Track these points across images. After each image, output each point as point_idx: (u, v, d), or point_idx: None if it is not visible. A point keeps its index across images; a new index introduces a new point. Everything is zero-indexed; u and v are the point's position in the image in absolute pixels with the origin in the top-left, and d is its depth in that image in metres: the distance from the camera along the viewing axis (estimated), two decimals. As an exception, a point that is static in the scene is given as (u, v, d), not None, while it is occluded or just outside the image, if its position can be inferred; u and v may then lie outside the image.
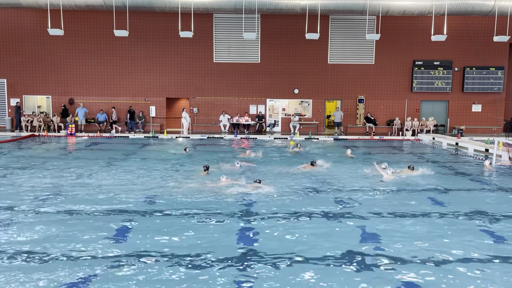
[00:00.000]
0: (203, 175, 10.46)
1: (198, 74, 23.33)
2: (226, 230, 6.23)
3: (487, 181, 10.49)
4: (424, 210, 7.46)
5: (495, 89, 23.18)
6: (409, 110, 23.50)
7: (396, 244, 5.67)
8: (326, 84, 23.43)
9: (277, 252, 5.34)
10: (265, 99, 23.72)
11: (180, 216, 6.94)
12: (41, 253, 5.24)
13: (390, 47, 22.98)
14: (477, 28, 22.59)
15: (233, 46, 23.14)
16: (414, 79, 23.15)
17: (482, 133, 22.92)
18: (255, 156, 14.10)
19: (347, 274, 4.73)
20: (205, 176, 10.31)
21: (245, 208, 7.45)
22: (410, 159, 14.27)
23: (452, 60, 23.13)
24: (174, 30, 20.72)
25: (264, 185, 9.01)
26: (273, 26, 22.91)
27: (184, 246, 5.56)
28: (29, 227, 6.29)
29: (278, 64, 23.25)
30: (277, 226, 6.44)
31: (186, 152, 14.85)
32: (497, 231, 6.27)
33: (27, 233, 6.02)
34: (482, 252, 5.40)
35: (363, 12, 19.08)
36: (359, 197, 8.34)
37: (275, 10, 19.41)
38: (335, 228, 6.42)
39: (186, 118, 22.37)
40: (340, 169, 11.56)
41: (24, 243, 5.61)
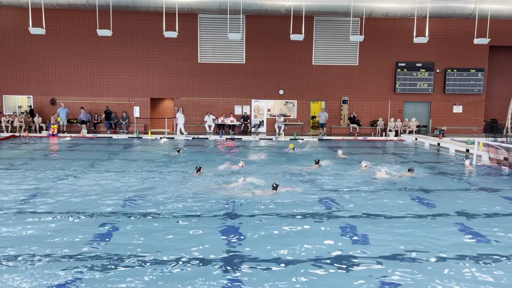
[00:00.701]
0: (195, 176, 10.42)
1: (183, 74, 23.23)
2: (213, 232, 6.21)
3: (468, 180, 10.69)
4: (407, 209, 7.55)
5: (476, 90, 23.65)
6: (392, 111, 23.80)
7: (381, 243, 5.73)
8: (311, 85, 23.58)
9: (265, 253, 5.36)
10: (250, 99, 23.74)
11: (168, 218, 6.89)
12: (21, 255, 5.16)
13: (374, 48, 23.25)
14: (458, 30, 23.02)
15: (218, 46, 23.10)
16: (397, 81, 23.47)
17: (463, 133, 23.36)
18: (257, 157, 14.07)
19: (333, 274, 4.77)
20: (197, 177, 10.28)
21: (233, 209, 7.45)
22: (393, 159, 14.46)
23: (434, 62, 23.52)
24: (158, 30, 20.58)
25: (281, 188, 8.79)
26: (258, 27, 22.96)
27: (171, 248, 5.53)
28: (10, 229, 6.17)
29: (263, 64, 23.30)
30: (263, 226, 6.46)
31: (178, 153, 14.75)
32: (478, 230, 6.39)
33: (7, 235, 5.91)
34: (463, 251, 5.50)
35: (347, 13, 19.26)
36: (347, 197, 8.41)
37: (260, 11, 19.45)
38: (320, 228, 6.46)
39: (180, 119, 22.24)
40: (332, 170, 11.63)
41: (4, 246, 5.50)
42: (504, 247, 5.65)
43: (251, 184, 9.37)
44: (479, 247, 5.68)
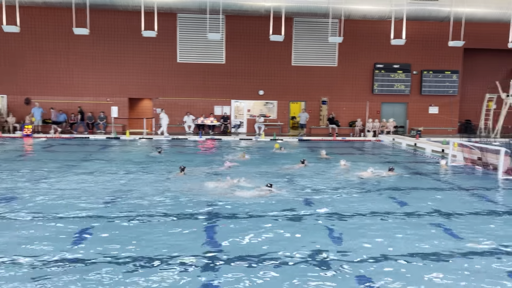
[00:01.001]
0: (179, 176, 10.34)
1: (162, 74, 23.02)
2: (194, 233, 6.17)
3: (443, 180, 10.92)
4: (383, 208, 7.67)
5: (451, 92, 24.21)
6: (370, 111, 24.14)
7: (359, 242, 5.80)
8: (291, 85, 23.70)
9: (246, 253, 5.35)
10: (230, 100, 23.71)
11: (149, 219, 6.81)
12: (-5, 259, 5.02)
13: (352, 50, 23.54)
14: (434, 33, 23.52)
15: (198, 46, 22.99)
16: (375, 82, 23.82)
17: (439, 134, 23.87)
18: (241, 157, 14.04)
19: (313, 274, 4.80)
20: (182, 177, 10.21)
21: (217, 208, 7.41)
22: (372, 159, 14.66)
23: (410, 64, 23.97)
24: (137, 29, 20.32)
25: (275, 189, 8.83)
26: (238, 27, 22.95)
27: (151, 249, 5.47)
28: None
29: (243, 65, 23.31)
30: (248, 226, 6.46)
31: (159, 154, 14.60)
32: (452, 228, 6.53)
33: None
34: (438, 249, 5.61)
35: (325, 15, 19.43)
36: (329, 196, 8.47)
37: (240, 11, 19.44)
38: (301, 227, 6.49)
39: (164, 119, 22.00)
40: (316, 170, 11.71)
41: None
42: (482, 244, 5.78)
43: (238, 185, 9.35)
44: (455, 244, 5.80)
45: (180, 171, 10.61)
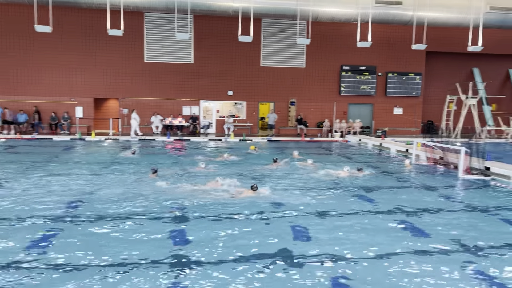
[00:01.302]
0: (152, 178, 10.18)
1: (129, 73, 22.60)
2: (162, 234, 6.08)
3: (407, 179, 11.25)
4: (350, 207, 7.82)
5: (414, 93, 24.96)
6: (338, 112, 24.54)
7: (326, 241, 5.89)
8: (260, 86, 23.79)
9: (213, 254, 5.33)
10: (198, 100, 23.54)
11: (117, 221, 6.67)
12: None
13: (320, 51, 23.87)
14: (398, 36, 24.17)
15: (166, 46, 22.71)
16: (342, 83, 24.25)
17: (403, 134, 24.54)
18: (216, 158, 13.95)
19: (281, 273, 4.84)
20: (154, 179, 10.06)
21: (186, 210, 7.34)
22: (339, 159, 14.90)
23: (376, 66, 24.54)
24: (102, 28, 19.88)
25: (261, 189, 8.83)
26: (206, 27, 22.82)
27: (117, 252, 5.36)
28: None
29: (212, 65, 23.20)
30: (212, 227, 6.43)
31: (133, 155, 14.28)
32: (416, 225, 6.74)
33: None
34: (403, 246, 5.78)
35: (294, 17, 19.61)
36: (299, 196, 8.55)
37: (208, 12, 19.33)
38: (270, 227, 6.52)
39: (136, 119, 21.55)
40: (286, 170, 11.78)
41: None
42: (442, 240, 5.99)
43: (212, 187, 9.29)
44: (420, 241, 5.98)
45: (152, 173, 10.46)
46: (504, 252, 5.63)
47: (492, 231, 6.56)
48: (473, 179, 11.15)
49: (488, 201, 8.72)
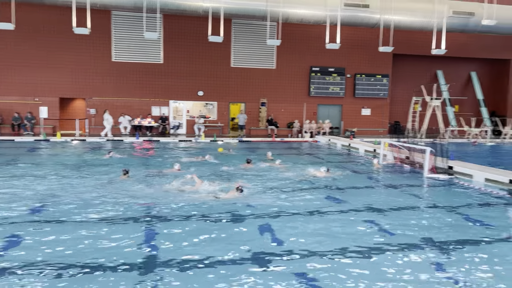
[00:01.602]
0: (123, 179, 9.98)
1: (96, 73, 22.08)
2: (133, 236, 5.97)
3: (375, 178, 11.49)
4: (320, 207, 7.91)
5: (381, 94, 25.55)
6: (307, 113, 24.82)
7: (296, 241, 5.94)
8: (230, 87, 23.75)
9: (180, 255, 5.27)
10: (168, 100, 23.27)
11: (84, 223, 6.49)
12: None
13: (290, 53, 24.07)
14: (366, 38, 24.67)
15: (134, 45, 22.33)
16: (311, 84, 24.54)
17: (371, 134, 25.08)
18: (191, 160, 13.75)
19: (249, 273, 4.84)
20: (125, 180, 9.86)
21: (153, 211, 7.23)
22: (309, 159, 15.06)
23: (345, 67, 24.97)
24: (68, 26, 19.31)
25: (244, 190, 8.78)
26: (176, 26, 22.59)
27: (85, 254, 5.22)
28: None
29: (182, 65, 22.98)
30: (179, 228, 6.36)
31: (109, 156, 13.91)
32: (384, 224, 6.89)
33: None
34: (371, 244, 5.89)
35: (264, 17, 19.69)
36: (269, 196, 8.57)
37: (178, 11, 19.14)
38: (237, 228, 6.51)
39: (108, 120, 21.06)
40: (260, 170, 11.78)
41: None
42: (408, 237, 6.15)
43: (184, 188, 9.18)
44: (387, 238, 6.12)
45: (123, 174, 10.26)
46: (466, 247, 5.83)
47: (455, 228, 6.79)
48: (437, 177, 11.51)
49: (451, 198, 9.03)
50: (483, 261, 5.31)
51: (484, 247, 5.85)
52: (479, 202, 8.69)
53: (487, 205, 8.42)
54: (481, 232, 6.57)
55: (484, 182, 10.89)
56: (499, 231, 6.63)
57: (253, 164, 12.52)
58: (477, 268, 5.07)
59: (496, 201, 8.82)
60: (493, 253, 5.64)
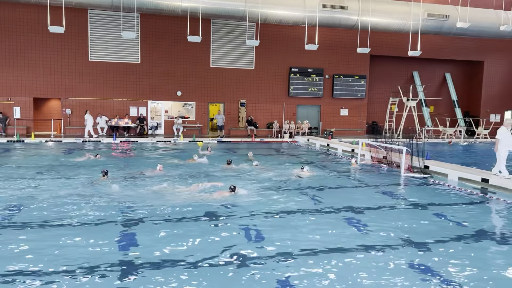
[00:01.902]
0: (103, 180, 9.83)
1: (72, 72, 21.65)
2: (111, 238, 5.87)
3: (353, 177, 11.62)
4: (299, 206, 7.95)
5: (359, 95, 25.88)
6: (287, 113, 24.94)
7: (276, 240, 5.95)
8: (209, 87, 23.65)
9: (162, 256, 5.21)
10: (146, 100, 23.01)
11: (63, 226, 6.34)
12: None
13: (269, 53, 24.14)
14: (344, 40, 24.97)
15: (111, 44, 22.00)
16: (290, 85, 24.66)
17: (349, 135, 25.37)
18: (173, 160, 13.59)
19: (233, 274, 4.82)
20: (104, 181, 9.70)
21: (130, 213, 7.12)
22: (289, 160, 15.12)
23: (323, 68, 25.19)
24: (43, 24, 18.93)
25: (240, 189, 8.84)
26: (154, 26, 22.37)
27: (61, 256, 5.10)
28: None
29: (160, 65, 22.76)
30: (162, 229, 6.29)
31: (97, 158, 13.57)
32: (361, 222, 6.98)
33: None
34: (349, 242, 5.96)
35: (243, 18, 19.70)
36: (247, 196, 8.56)
37: (156, 11, 18.94)
38: (221, 229, 6.49)
39: (87, 121, 20.72)
40: (240, 171, 11.76)
41: None
42: (386, 236, 6.24)
43: (161, 189, 9.07)
44: (365, 237, 6.20)
45: (102, 176, 10.10)
46: (441, 244, 5.95)
47: (431, 226, 6.92)
48: (414, 177, 11.73)
49: (427, 197, 9.20)
50: (457, 258, 5.42)
51: (458, 244, 5.98)
52: (454, 201, 8.89)
53: (461, 204, 8.62)
54: (455, 230, 6.72)
55: (458, 181, 11.16)
56: (472, 229, 6.80)
57: (233, 165, 12.50)
58: (451, 265, 5.18)
59: (469, 199, 9.04)
60: (467, 249, 5.77)
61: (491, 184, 10.30)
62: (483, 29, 22.06)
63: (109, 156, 14.89)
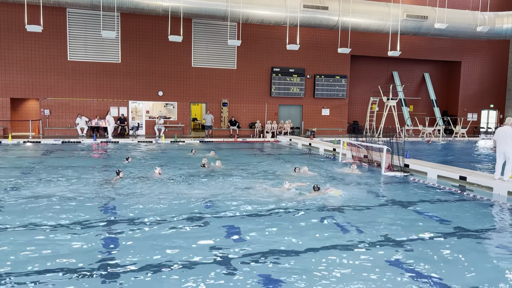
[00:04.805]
0: (117, 179, 10.01)
1: (50, 72, 21.25)
2: (91, 239, 5.79)
3: (335, 176, 11.71)
4: (279, 205, 7.98)
5: (340, 95, 26.13)
6: (269, 113, 25.00)
7: (258, 240, 5.97)
8: (191, 87, 23.53)
9: (143, 259, 5.17)
10: (127, 100, 22.75)
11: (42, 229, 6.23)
12: None
13: (251, 53, 24.15)
14: (325, 40, 25.17)
15: (91, 44, 21.67)
16: (272, 85, 24.73)
17: (331, 134, 25.61)
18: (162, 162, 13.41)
19: (216, 275, 4.82)
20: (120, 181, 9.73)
21: (112, 214, 7.04)
22: (272, 159, 15.17)
23: (304, 68, 25.34)
24: (20, 23, 18.52)
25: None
26: (134, 26, 22.13)
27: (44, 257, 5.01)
28: None
29: (141, 65, 22.54)
30: (142, 231, 6.24)
31: (128, 161, 13.18)
32: (342, 220, 7.05)
33: None
34: (330, 241, 6.01)
35: (224, 18, 19.67)
36: (227, 197, 8.56)
37: (136, 10, 18.74)
38: (203, 229, 6.47)
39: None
40: (211, 171, 11.72)
41: None
42: (367, 234, 6.32)
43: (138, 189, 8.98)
44: (345, 235, 6.27)
45: (116, 175, 10.31)
46: (420, 241, 6.07)
47: (411, 223, 7.05)
48: (394, 175, 11.91)
49: (407, 195, 9.36)
50: (437, 254, 5.54)
51: (438, 240, 6.11)
52: (433, 198, 9.07)
53: (440, 201, 8.80)
54: (435, 226, 6.85)
55: (437, 178, 11.39)
56: (451, 225, 6.95)
57: (209, 167, 12.35)
58: (430, 261, 5.29)
59: (448, 197, 9.23)
60: (446, 246, 5.89)
61: (468, 181, 10.54)
62: (460, 30, 22.55)
63: (147, 157, 14.67)
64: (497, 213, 8.14)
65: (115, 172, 10.67)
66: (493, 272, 5.05)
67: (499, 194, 9.49)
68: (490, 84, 29.72)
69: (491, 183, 9.91)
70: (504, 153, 9.70)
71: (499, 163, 9.95)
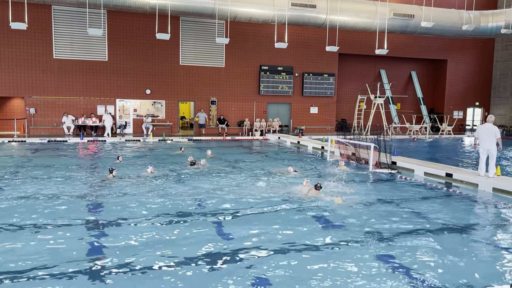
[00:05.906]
0: (110, 178, 9.95)
1: (35, 70, 20.94)
2: (79, 239, 5.73)
3: (323, 174, 11.77)
4: (266, 203, 7.99)
5: (328, 93, 26.24)
6: (257, 111, 25.00)
7: (245, 237, 5.97)
8: (179, 85, 23.40)
9: (131, 258, 5.14)
10: (114, 99, 22.54)
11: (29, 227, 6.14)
12: None
13: (239, 51, 24.10)
14: (313, 38, 25.23)
15: (77, 41, 21.40)
16: (261, 83, 24.72)
17: (319, 132, 25.71)
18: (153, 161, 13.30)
19: (206, 274, 4.81)
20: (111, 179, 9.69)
21: (95, 214, 6.98)
22: (260, 157, 15.18)
23: (293, 66, 25.38)
24: (4, 20, 18.19)
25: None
26: (121, 23, 21.92)
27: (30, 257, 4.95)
28: None
29: (128, 63, 22.34)
30: (130, 231, 6.20)
31: (119, 161, 12.84)
32: (329, 218, 7.09)
33: None
34: (317, 238, 6.04)
35: (212, 15, 19.59)
36: (216, 196, 8.54)
37: (123, 7, 18.55)
38: (192, 230, 6.45)
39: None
40: (205, 170, 11.69)
41: None
42: (354, 231, 6.36)
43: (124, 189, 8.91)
44: (332, 232, 6.30)
45: (109, 173, 10.23)
46: (408, 238, 6.13)
47: (398, 219, 7.11)
48: (381, 172, 12.01)
49: (394, 192, 9.45)
50: (423, 250, 5.60)
51: (425, 236, 6.17)
52: (420, 195, 9.17)
53: (427, 198, 8.90)
54: (422, 223, 6.93)
55: (423, 176, 11.51)
56: (437, 221, 7.03)
57: (199, 166, 12.30)
58: (418, 257, 5.34)
59: (434, 193, 9.34)
60: (433, 242, 5.96)
61: (454, 178, 10.68)
62: (446, 29, 22.79)
63: (142, 156, 14.52)
64: (482, 209, 8.27)
65: (108, 170, 10.56)
66: (480, 267, 5.13)
67: (484, 190, 9.64)
68: (476, 82, 30.12)
69: (476, 180, 10.05)
70: (488, 150, 9.87)
71: (482, 160, 10.13)
